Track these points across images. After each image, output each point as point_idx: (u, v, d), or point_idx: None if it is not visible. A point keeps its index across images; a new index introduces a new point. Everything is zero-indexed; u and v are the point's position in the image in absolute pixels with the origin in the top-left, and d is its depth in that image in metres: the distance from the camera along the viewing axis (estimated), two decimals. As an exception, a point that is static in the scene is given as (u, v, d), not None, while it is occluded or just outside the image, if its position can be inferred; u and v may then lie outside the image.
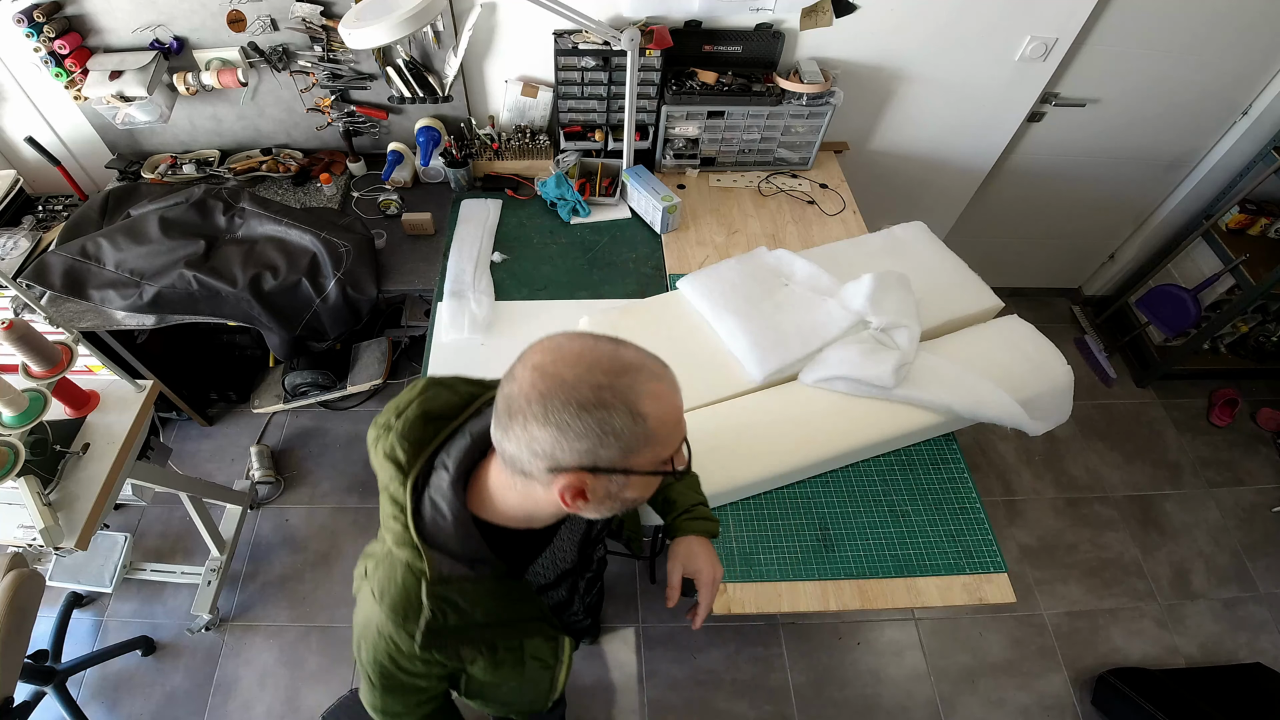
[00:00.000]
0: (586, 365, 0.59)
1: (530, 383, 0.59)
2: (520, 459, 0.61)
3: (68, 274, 1.65)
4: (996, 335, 1.43)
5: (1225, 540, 2.32)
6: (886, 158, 2.22)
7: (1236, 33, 1.91)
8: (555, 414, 0.57)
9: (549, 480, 0.61)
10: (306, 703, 1.86)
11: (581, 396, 0.57)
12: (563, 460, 0.59)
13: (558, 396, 0.57)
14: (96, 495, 1.38)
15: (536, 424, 0.58)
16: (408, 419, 0.73)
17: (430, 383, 0.78)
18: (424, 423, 0.73)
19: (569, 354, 0.60)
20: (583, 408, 0.57)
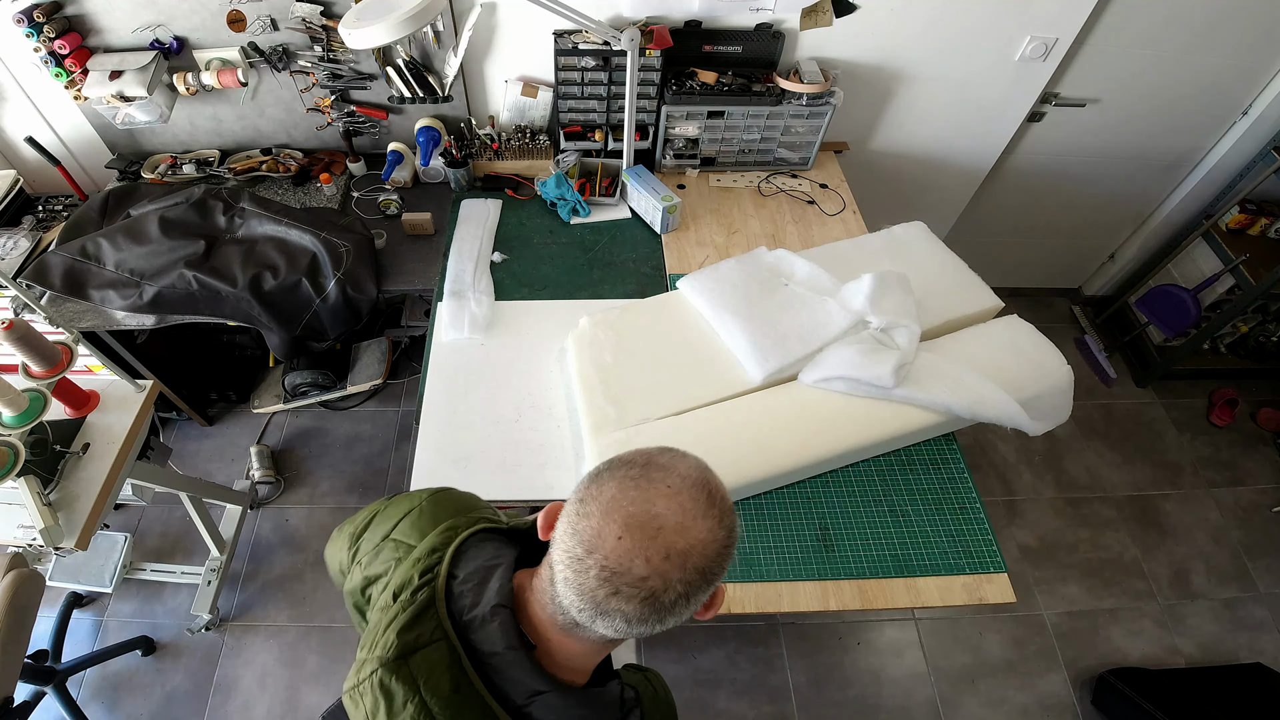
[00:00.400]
0: (702, 517, 0.54)
1: (679, 571, 0.53)
2: (669, 628, 0.57)
3: (68, 274, 1.65)
4: (996, 335, 1.43)
5: (1225, 540, 2.32)
6: (886, 158, 2.22)
7: (1236, 33, 1.91)
8: (715, 570, 0.55)
9: (692, 612, 0.57)
10: (306, 703, 1.86)
11: (724, 542, 0.55)
12: (714, 589, 0.57)
13: (711, 555, 0.54)
14: (96, 495, 1.38)
15: (702, 590, 0.55)
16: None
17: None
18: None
19: (681, 519, 0.54)
20: (728, 547, 0.56)
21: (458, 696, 0.56)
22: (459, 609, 0.60)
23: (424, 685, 0.56)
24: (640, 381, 1.36)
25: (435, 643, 0.58)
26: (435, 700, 0.55)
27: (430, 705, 0.55)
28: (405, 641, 0.58)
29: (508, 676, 0.57)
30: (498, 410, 1.41)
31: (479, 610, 0.59)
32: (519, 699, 0.57)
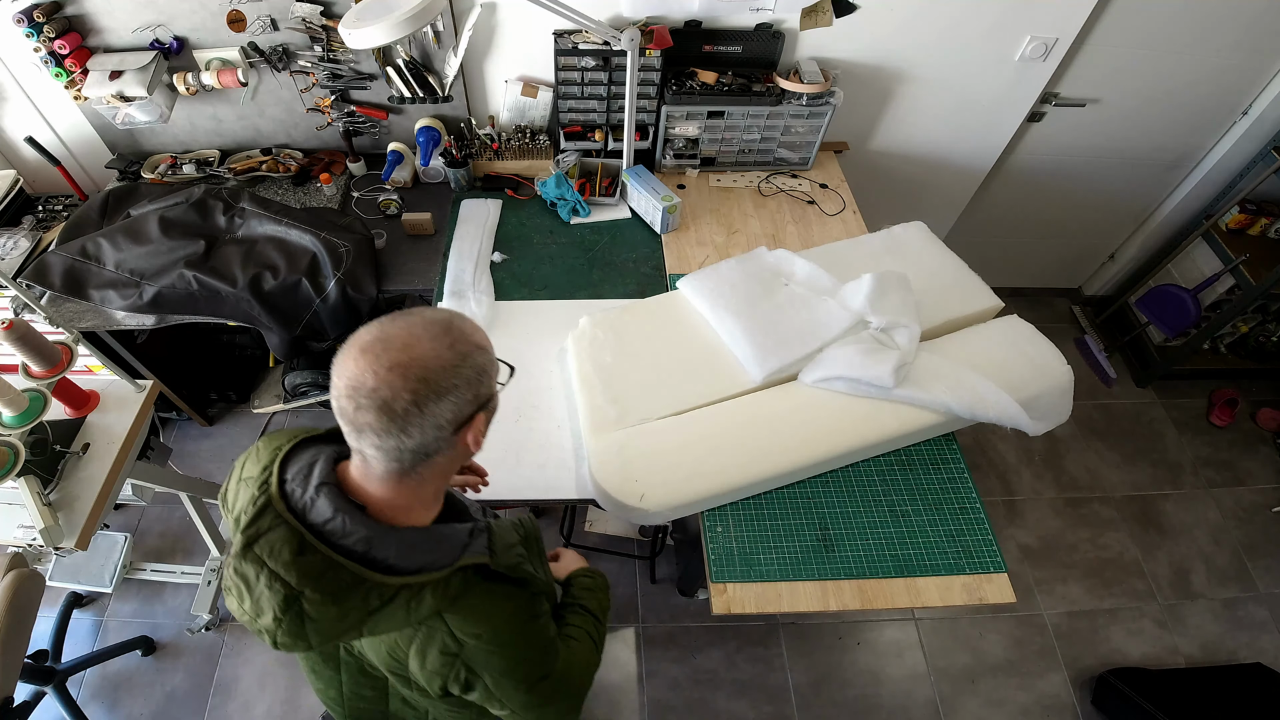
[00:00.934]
0: (427, 338, 0.64)
1: (401, 379, 0.62)
2: (426, 445, 0.65)
3: (68, 274, 1.65)
4: (996, 335, 1.43)
5: (1225, 540, 2.32)
6: (886, 158, 2.22)
7: (1236, 33, 1.91)
8: (442, 383, 0.63)
9: (454, 443, 0.68)
10: (307, 702, 1.86)
11: (448, 359, 0.64)
12: (464, 414, 0.66)
13: (433, 370, 0.63)
14: (96, 495, 1.38)
15: (433, 402, 0.63)
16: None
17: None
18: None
19: (403, 339, 0.64)
20: (456, 366, 0.64)
21: (302, 558, 0.64)
22: (293, 502, 0.68)
23: (269, 558, 0.64)
24: (640, 381, 1.36)
25: (275, 528, 0.66)
26: (280, 565, 0.64)
27: (278, 571, 0.63)
28: (248, 535, 0.66)
29: (345, 533, 0.65)
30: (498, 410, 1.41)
31: (307, 494, 0.68)
32: (359, 548, 0.65)
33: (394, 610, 0.66)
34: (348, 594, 0.65)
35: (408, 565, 0.67)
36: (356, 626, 0.66)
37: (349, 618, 0.65)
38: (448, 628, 0.70)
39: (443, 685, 0.73)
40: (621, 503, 1.20)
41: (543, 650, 0.79)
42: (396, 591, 0.66)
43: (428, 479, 0.70)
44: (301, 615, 0.64)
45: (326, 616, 0.64)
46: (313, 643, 0.65)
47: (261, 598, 0.64)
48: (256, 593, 0.64)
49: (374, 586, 0.65)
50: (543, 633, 0.78)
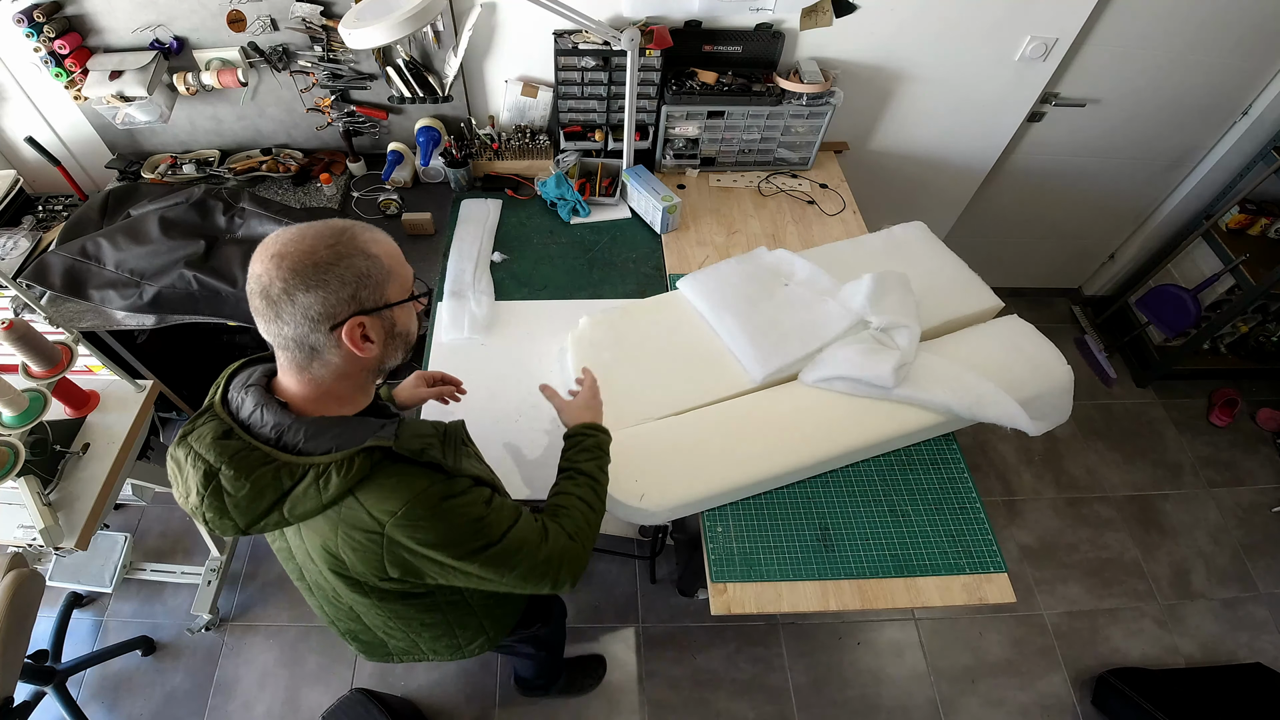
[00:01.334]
0: (313, 236, 0.72)
1: (276, 268, 0.70)
2: (302, 335, 0.72)
3: (68, 274, 1.65)
4: (996, 335, 1.43)
5: (1225, 540, 2.32)
6: (886, 158, 2.22)
7: (1236, 33, 1.91)
8: (311, 277, 0.70)
9: (335, 341, 0.73)
10: (306, 703, 1.86)
11: (322, 257, 0.70)
12: (338, 313, 0.72)
13: (306, 264, 0.70)
14: (96, 495, 1.38)
15: (301, 293, 0.70)
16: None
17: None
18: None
19: (294, 236, 0.72)
20: (329, 263, 0.70)
21: (222, 441, 0.73)
22: (231, 407, 0.78)
23: (195, 443, 0.74)
24: (640, 381, 1.36)
25: (208, 422, 0.76)
26: (203, 448, 0.74)
27: (201, 452, 0.73)
28: (185, 429, 0.77)
29: (262, 423, 0.75)
30: (498, 410, 1.41)
31: (240, 393, 0.78)
32: (272, 435, 0.74)
33: (306, 490, 0.72)
34: (259, 471, 0.72)
35: (314, 448, 0.73)
36: (276, 507, 0.72)
37: (264, 496, 0.71)
38: (363, 507, 0.74)
39: (380, 568, 0.78)
40: (621, 502, 1.20)
41: (472, 525, 0.79)
42: (305, 471, 0.72)
43: (328, 376, 0.77)
44: (220, 491, 0.72)
45: (241, 492, 0.71)
46: (239, 522, 0.72)
47: (189, 477, 0.73)
48: (185, 473, 0.74)
49: (283, 465, 0.72)
50: (466, 510, 0.79)
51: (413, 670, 1.91)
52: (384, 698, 1.79)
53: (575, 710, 1.87)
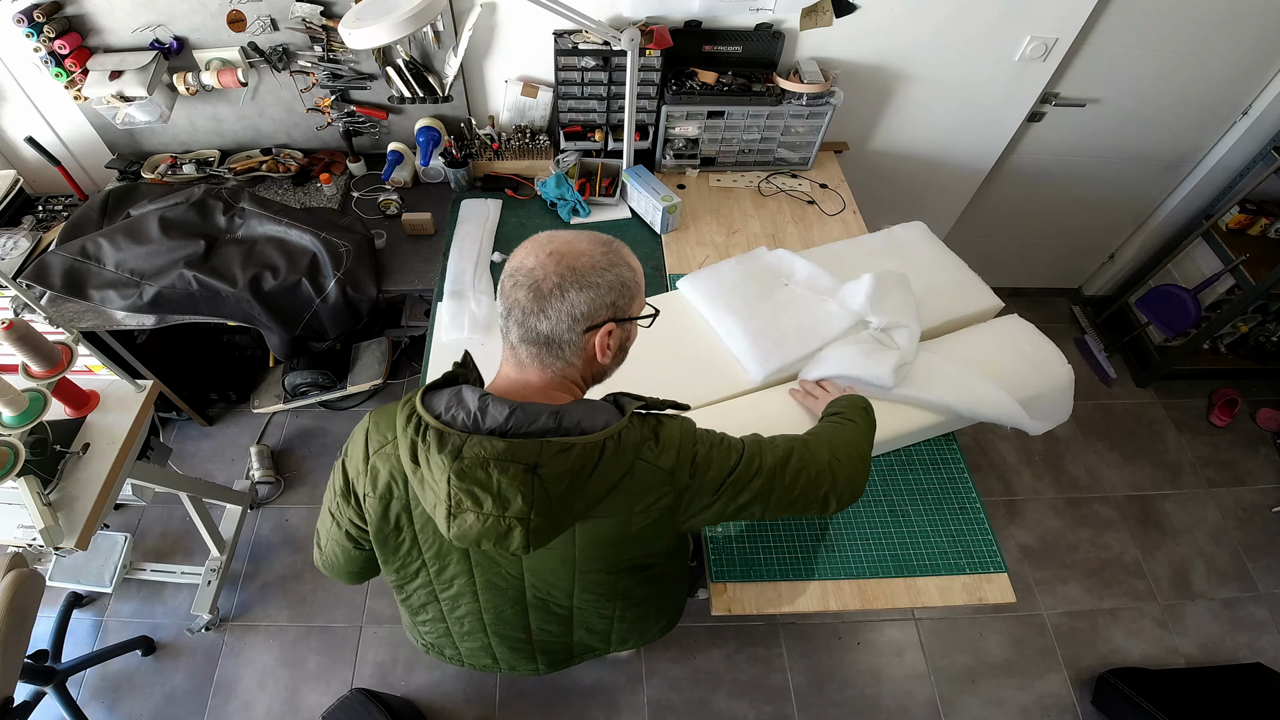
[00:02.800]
0: (588, 241, 0.76)
1: (555, 265, 0.73)
2: (558, 332, 0.74)
3: (68, 274, 1.65)
4: (996, 335, 1.43)
5: (1225, 540, 2.32)
6: (886, 158, 2.22)
7: (1236, 33, 1.91)
8: (588, 278, 0.73)
9: (584, 343, 0.76)
10: (306, 703, 1.86)
11: (599, 262, 0.74)
12: (597, 316, 0.75)
13: (583, 264, 0.73)
14: (96, 495, 1.38)
15: (575, 290, 0.73)
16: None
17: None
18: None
19: (570, 238, 0.76)
20: (604, 269, 0.74)
21: (517, 442, 0.69)
22: (462, 425, 0.72)
23: (487, 454, 0.68)
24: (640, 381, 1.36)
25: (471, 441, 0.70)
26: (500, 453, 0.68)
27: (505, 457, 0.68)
28: (452, 454, 0.70)
29: (531, 419, 0.71)
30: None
31: (471, 412, 0.72)
32: (550, 424, 0.71)
33: (606, 464, 0.72)
34: (568, 456, 0.69)
35: (595, 424, 0.73)
36: (582, 493, 0.72)
37: (576, 481, 0.70)
38: (649, 464, 0.76)
39: (667, 527, 0.80)
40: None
41: (731, 447, 0.84)
42: (602, 444, 0.71)
43: (559, 378, 0.79)
44: (545, 488, 0.69)
45: (560, 485, 0.69)
46: (557, 522, 0.71)
47: (503, 486, 0.68)
48: (495, 485, 0.68)
49: (585, 447, 0.70)
50: (722, 438, 0.85)
51: (413, 670, 1.91)
52: (384, 698, 1.79)
53: (576, 710, 1.87)
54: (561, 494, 0.70)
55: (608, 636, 1.06)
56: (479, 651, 1.06)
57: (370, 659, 1.93)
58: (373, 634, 1.97)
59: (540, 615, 0.97)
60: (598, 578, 0.89)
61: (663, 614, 1.13)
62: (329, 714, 1.76)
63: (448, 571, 0.90)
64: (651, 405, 0.81)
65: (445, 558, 0.88)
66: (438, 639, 1.07)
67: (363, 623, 1.99)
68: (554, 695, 1.89)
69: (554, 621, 0.99)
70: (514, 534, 0.70)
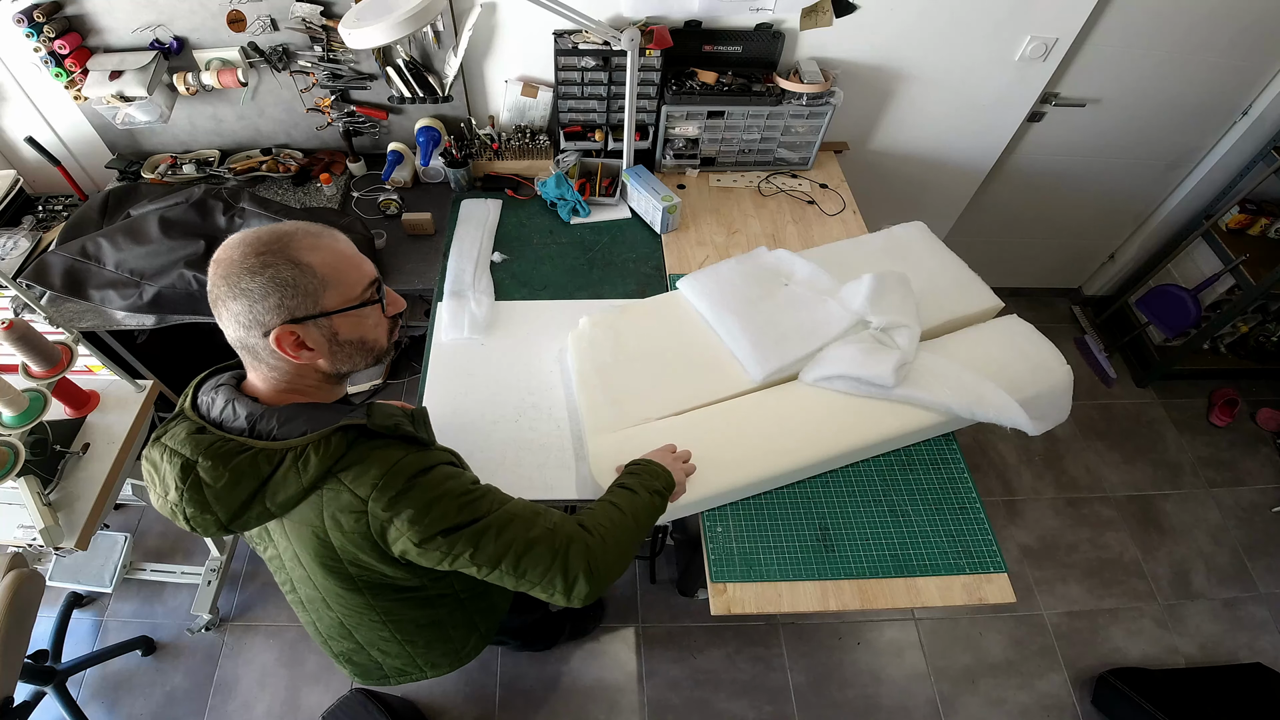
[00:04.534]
0: (249, 243, 0.74)
1: (213, 273, 0.74)
2: (240, 338, 0.76)
3: (68, 274, 1.65)
4: (996, 335, 1.43)
5: (1225, 540, 2.32)
6: (886, 158, 2.22)
7: (1236, 33, 1.91)
8: (237, 285, 0.72)
9: (270, 346, 0.75)
10: (306, 703, 1.86)
11: (249, 265, 0.72)
12: (266, 320, 0.73)
13: (232, 272, 0.73)
14: (96, 495, 1.38)
15: (230, 300, 0.73)
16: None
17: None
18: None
19: (234, 242, 0.75)
20: (253, 272, 0.72)
21: (196, 435, 0.75)
22: (201, 410, 0.80)
23: (169, 441, 0.76)
24: (640, 381, 1.36)
25: (179, 424, 0.78)
26: (177, 444, 0.75)
27: (175, 448, 0.75)
28: (158, 433, 0.79)
29: (234, 416, 0.76)
30: (498, 410, 1.41)
31: (210, 397, 0.79)
32: (245, 425, 0.76)
33: (286, 474, 0.73)
34: (236, 459, 0.72)
35: (289, 433, 0.75)
36: (257, 497, 0.73)
37: (243, 484, 0.72)
38: (345, 487, 0.75)
39: (372, 548, 0.78)
40: (621, 503, 1.20)
41: (454, 499, 0.79)
42: (283, 455, 0.73)
43: (281, 376, 0.79)
44: (199, 484, 0.72)
45: (221, 481, 0.72)
46: (220, 516, 0.73)
47: (165, 475, 0.75)
48: (162, 472, 0.75)
49: (260, 452, 0.73)
50: (446, 484, 0.79)
51: (413, 670, 1.91)
52: (384, 698, 1.79)
53: (576, 710, 1.87)
54: (221, 490, 0.72)
55: (414, 662, 1.06)
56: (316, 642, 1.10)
57: (370, 659, 1.93)
58: (373, 634, 1.97)
59: (321, 622, 1.00)
60: (342, 591, 0.87)
61: (471, 633, 1.11)
62: (329, 714, 1.76)
63: (266, 555, 0.96)
64: (385, 429, 0.78)
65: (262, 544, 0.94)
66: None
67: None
68: (554, 695, 1.89)
69: (339, 634, 1.00)
70: (178, 517, 0.75)
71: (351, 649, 1.02)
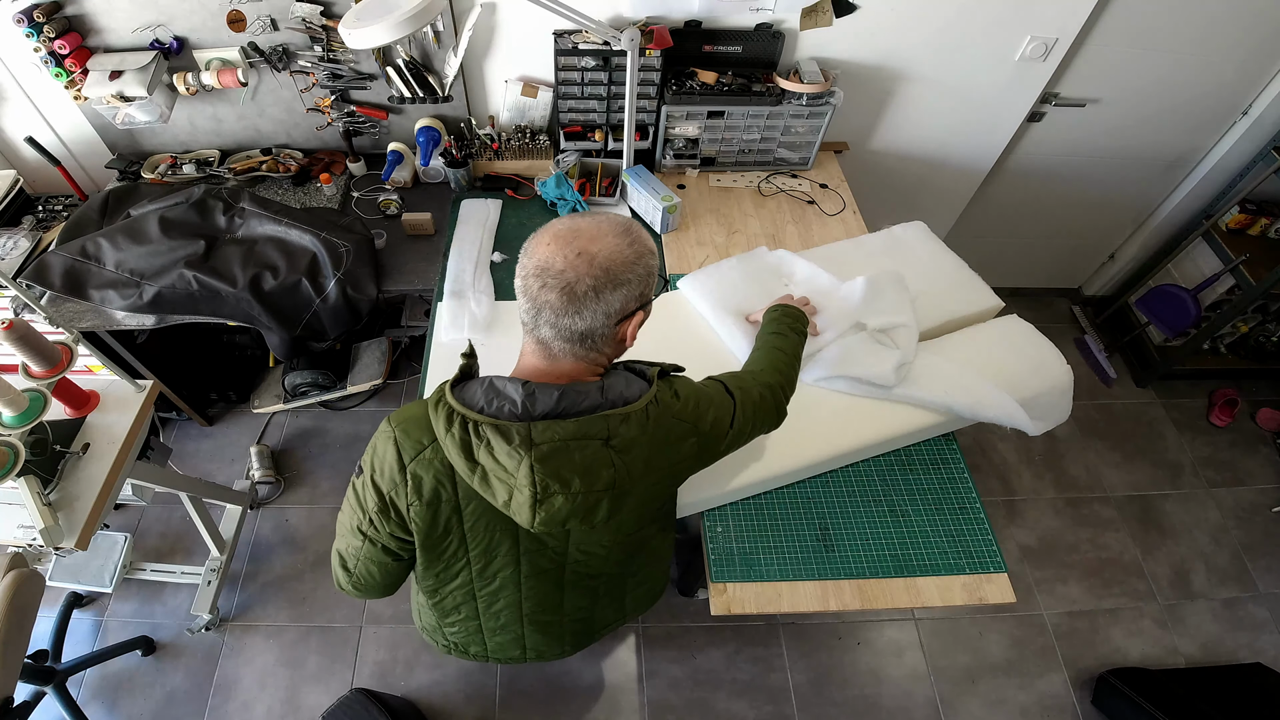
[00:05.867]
0: (611, 232, 0.75)
1: (588, 267, 0.72)
2: (594, 328, 0.75)
3: (68, 274, 1.65)
4: (996, 335, 1.43)
5: (1225, 540, 2.32)
6: (886, 158, 2.22)
7: (1236, 33, 1.91)
8: (620, 276, 0.73)
9: (616, 334, 0.78)
10: (306, 703, 1.86)
11: (628, 257, 0.74)
12: (629, 307, 0.76)
13: (616, 264, 0.73)
14: (96, 495, 1.38)
15: (609, 291, 0.73)
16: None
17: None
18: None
19: (593, 234, 0.75)
20: (633, 263, 0.74)
21: (580, 421, 0.73)
22: (507, 414, 0.74)
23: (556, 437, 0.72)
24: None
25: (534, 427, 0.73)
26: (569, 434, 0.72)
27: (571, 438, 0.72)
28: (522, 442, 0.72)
29: (581, 397, 0.75)
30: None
31: (515, 398, 0.74)
32: (598, 398, 0.75)
33: (653, 426, 0.77)
34: (628, 426, 0.75)
35: (632, 393, 0.78)
36: (648, 457, 0.77)
37: (640, 446, 0.76)
38: (679, 419, 0.82)
39: (694, 459, 0.86)
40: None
41: (721, 397, 0.91)
42: (646, 409, 0.77)
43: (588, 362, 0.80)
44: (623, 460, 0.74)
45: (630, 452, 0.75)
46: (632, 487, 0.76)
47: (588, 464, 0.72)
48: (580, 464, 0.72)
49: (636, 414, 0.75)
50: (713, 388, 0.92)
51: (413, 670, 1.91)
52: (384, 698, 1.79)
53: (576, 710, 1.87)
54: (632, 460, 0.75)
55: (622, 603, 1.12)
56: (509, 644, 1.08)
57: (370, 659, 1.93)
58: (373, 634, 1.97)
59: (575, 594, 1.02)
60: (633, 534, 0.94)
61: (663, 566, 1.20)
62: (329, 714, 1.76)
63: (493, 565, 0.91)
64: (663, 369, 0.86)
65: (493, 552, 0.89)
66: (465, 638, 1.09)
67: (363, 623, 1.99)
68: (554, 695, 1.89)
69: (585, 595, 1.03)
70: (600, 507, 0.74)
71: (583, 609, 1.06)
